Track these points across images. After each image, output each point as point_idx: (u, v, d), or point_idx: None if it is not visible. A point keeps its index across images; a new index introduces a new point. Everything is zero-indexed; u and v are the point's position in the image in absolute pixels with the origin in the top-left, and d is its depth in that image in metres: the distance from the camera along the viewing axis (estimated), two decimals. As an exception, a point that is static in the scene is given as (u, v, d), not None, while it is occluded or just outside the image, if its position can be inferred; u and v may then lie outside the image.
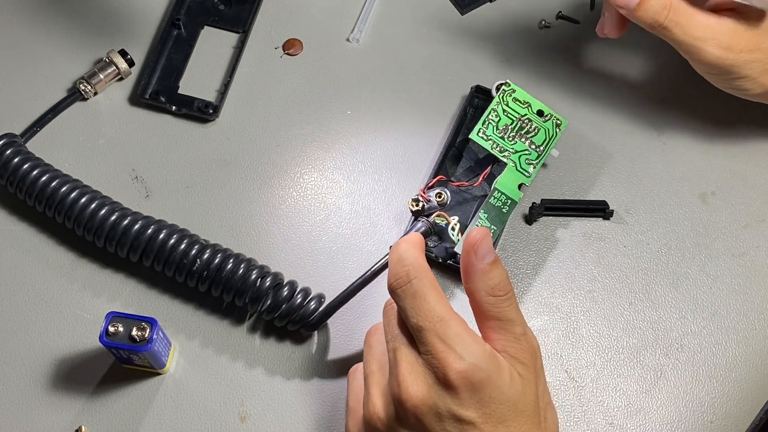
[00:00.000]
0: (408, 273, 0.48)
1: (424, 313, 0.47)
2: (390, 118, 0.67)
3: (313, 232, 0.63)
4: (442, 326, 0.47)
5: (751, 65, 0.58)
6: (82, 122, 0.67)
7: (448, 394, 0.46)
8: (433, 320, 0.47)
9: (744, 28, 0.57)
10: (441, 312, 0.47)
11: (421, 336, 0.47)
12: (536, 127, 0.62)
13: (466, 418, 0.46)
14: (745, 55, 0.58)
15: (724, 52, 0.58)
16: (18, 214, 0.63)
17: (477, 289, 0.49)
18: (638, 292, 0.62)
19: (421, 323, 0.47)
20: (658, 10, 0.57)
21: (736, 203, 0.64)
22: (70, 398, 0.58)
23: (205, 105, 0.66)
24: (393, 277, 0.49)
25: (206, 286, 0.59)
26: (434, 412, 0.46)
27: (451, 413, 0.46)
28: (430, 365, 0.46)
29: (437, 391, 0.46)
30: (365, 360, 0.51)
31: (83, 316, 0.60)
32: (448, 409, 0.46)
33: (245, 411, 0.58)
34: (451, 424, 0.46)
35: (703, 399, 0.59)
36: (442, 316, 0.47)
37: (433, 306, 0.47)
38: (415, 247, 0.50)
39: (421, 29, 0.71)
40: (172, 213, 0.63)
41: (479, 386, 0.46)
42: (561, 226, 0.63)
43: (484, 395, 0.46)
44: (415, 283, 0.48)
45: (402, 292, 0.48)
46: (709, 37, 0.57)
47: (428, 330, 0.47)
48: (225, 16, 0.70)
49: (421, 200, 0.61)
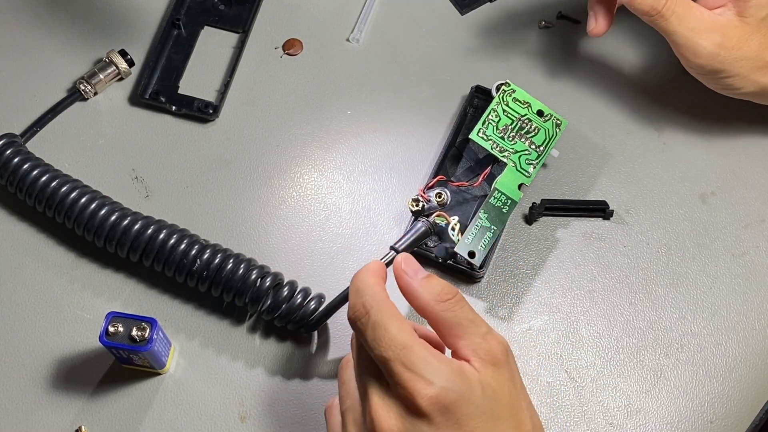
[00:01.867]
0: (365, 304, 0.47)
1: (386, 342, 0.46)
2: (390, 118, 0.67)
3: (313, 232, 0.63)
4: (405, 353, 0.45)
5: (741, 63, 0.59)
6: (82, 122, 0.67)
7: (422, 422, 0.45)
8: (396, 349, 0.45)
9: (736, 25, 0.58)
10: (402, 339, 0.46)
11: (386, 367, 0.45)
12: (536, 127, 0.62)
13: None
14: (736, 52, 0.58)
15: (716, 48, 0.58)
16: (18, 214, 0.63)
17: (426, 302, 0.48)
18: (638, 292, 0.62)
19: (384, 354, 0.45)
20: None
21: (736, 203, 0.64)
22: (70, 398, 0.58)
23: (205, 105, 0.66)
24: (351, 309, 0.48)
25: (206, 286, 0.59)
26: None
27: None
28: (400, 396, 0.45)
29: (411, 422, 0.45)
30: (340, 396, 0.50)
31: (83, 316, 0.60)
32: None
33: (245, 411, 0.58)
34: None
35: (703, 399, 0.59)
36: (404, 343, 0.45)
37: (394, 335, 0.46)
38: (372, 276, 0.48)
39: (421, 29, 0.71)
40: (172, 213, 0.63)
41: (453, 408, 0.45)
42: (561, 226, 0.63)
43: (460, 415, 0.45)
44: (372, 314, 0.46)
45: (362, 324, 0.47)
46: (703, 30, 0.58)
47: (392, 360, 0.45)
48: (225, 16, 0.70)
49: (421, 200, 0.61)
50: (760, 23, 0.58)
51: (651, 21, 0.59)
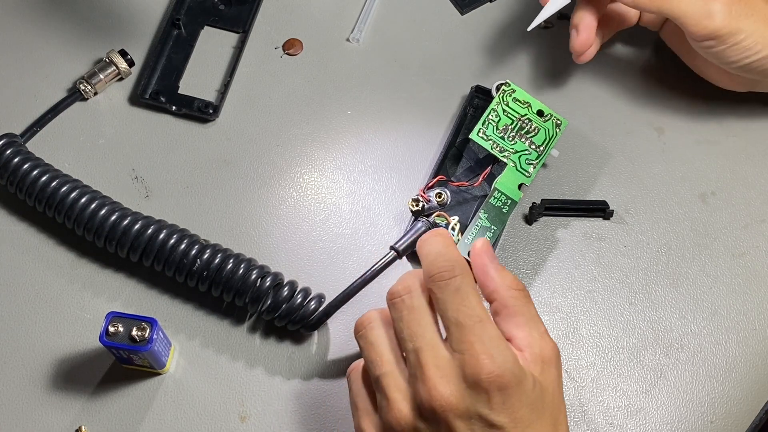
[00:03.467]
0: (453, 268, 0.48)
1: (465, 310, 0.47)
2: (390, 118, 0.67)
3: (313, 232, 0.63)
4: (481, 326, 0.47)
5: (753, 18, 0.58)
6: (82, 122, 0.67)
7: (479, 396, 0.46)
8: (474, 319, 0.47)
9: None
10: (481, 312, 0.47)
11: (458, 333, 0.47)
12: (536, 127, 0.62)
13: (497, 422, 0.46)
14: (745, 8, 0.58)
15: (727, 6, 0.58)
16: (18, 214, 0.63)
17: (498, 286, 0.49)
18: (638, 292, 0.62)
19: (461, 320, 0.47)
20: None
21: (736, 203, 0.64)
22: (70, 398, 0.58)
23: (205, 105, 0.66)
24: (436, 269, 0.48)
25: (206, 286, 0.59)
26: (464, 414, 0.46)
27: (482, 417, 0.46)
28: (463, 365, 0.46)
29: (469, 393, 0.46)
30: (371, 359, 0.49)
31: (83, 316, 0.60)
32: (479, 413, 0.46)
33: (245, 411, 0.58)
34: (479, 427, 0.46)
35: (703, 399, 0.59)
36: (481, 316, 0.47)
37: (474, 305, 0.47)
38: (453, 245, 0.50)
39: (421, 29, 0.71)
40: (172, 213, 0.63)
41: (510, 391, 0.46)
42: (561, 226, 0.63)
43: (514, 400, 0.46)
44: (459, 279, 0.48)
45: (445, 285, 0.48)
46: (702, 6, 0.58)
47: (468, 328, 0.46)
48: (225, 16, 0.70)
49: (421, 200, 0.61)
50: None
51: (657, 10, 0.58)
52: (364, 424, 0.49)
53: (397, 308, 0.49)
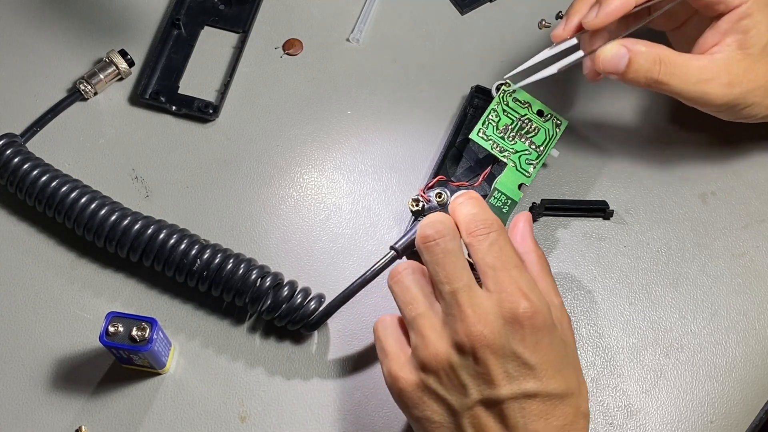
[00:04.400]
0: (492, 224, 0.51)
1: (502, 257, 0.50)
2: (390, 118, 0.67)
3: (313, 232, 0.63)
4: (518, 271, 0.50)
5: (755, 92, 0.57)
6: (82, 122, 0.67)
7: (514, 333, 0.48)
8: (510, 264, 0.50)
9: (738, 59, 0.56)
10: (518, 261, 0.50)
11: (495, 275, 0.49)
12: (536, 127, 0.62)
13: (529, 361, 0.48)
14: (747, 85, 0.57)
15: (727, 89, 0.56)
16: (18, 214, 0.63)
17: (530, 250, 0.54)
18: (638, 292, 0.62)
19: (498, 264, 0.50)
20: (649, 68, 0.56)
21: (736, 203, 0.64)
22: (70, 398, 0.58)
23: (205, 105, 0.66)
24: (474, 225, 0.51)
25: (206, 286, 0.59)
26: (500, 351, 0.48)
27: (516, 354, 0.48)
28: (500, 302, 0.48)
29: (505, 330, 0.48)
30: (407, 301, 0.51)
31: (83, 316, 0.60)
32: (513, 350, 0.48)
33: (245, 411, 0.58)
34: (512, 366, 0.48)
35: (703, 399, 0.59)
36: (518, 264, 0.50)
37: (511, 254, 0.50)
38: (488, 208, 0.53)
39: (421, 29, 0.71)
40: (172, 213, 0.63)
41: (543, 333, 0.48)
42: (561, 226, 0.63)
43: (546, 342, 0.48)
44: (495, 234, 0.51)
45: (484, 238, 0.51)
46: (708, 79, 0.56)
47: (505, 270, 0.49)
48: (225, 16, 0.70)
49: (421, 200, 0.61)
50: (763, 50, 0.56)
51: (653, 89, 0.57)
52: (393, 367, 0.51)
53: (432, 251, 0.51)
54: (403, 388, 0.50)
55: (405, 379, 0.50)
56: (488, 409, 0.48)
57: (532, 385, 0.48)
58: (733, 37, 0.56)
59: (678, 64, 0.56)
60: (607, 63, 0.56)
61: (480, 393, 0.48)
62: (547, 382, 0.48)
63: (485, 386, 0.48)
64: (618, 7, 0.55)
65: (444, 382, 0.49)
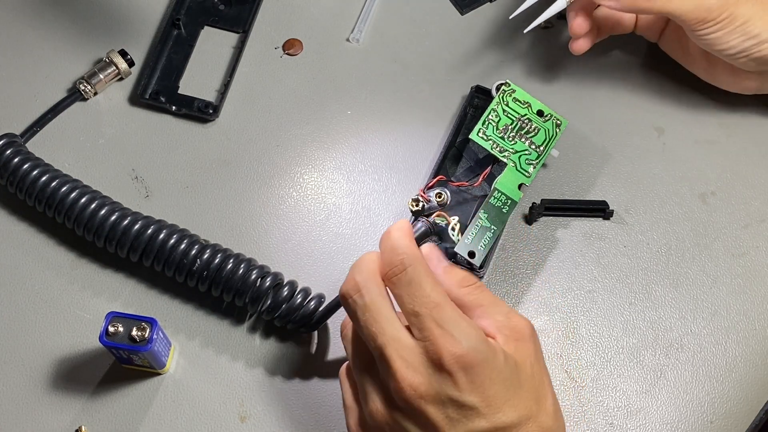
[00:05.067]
0: (403, 261, 0.48)
1: (420, 299, 0.47)
2: (390, 118, 0.67)
3: (313, 232, 0.63)
4: (438, 311, 0.47)
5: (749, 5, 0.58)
6: (82, 122, 0.67)
7: (446, 379, 0.46)
8: (429, 306, 0.47)
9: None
10: (436, 298, 0.47)
11: (417, 321, 0.47)
12: (536, 127, 0.62)
13: (468, 403, 0.46)
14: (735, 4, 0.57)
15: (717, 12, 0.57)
16: (18, 214, 0.63)
17: (448, 287, 0.50)
18: (638, 292, 0.62)
19: (417, 309, 0.47)
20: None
21: (736, 203, 0.64)
22: (70, 398, 0.58)
23: (205, 105, 0.66)
24: (388, 265, 0.49)
25: (206, 286, 0.59)
26: (436, 399, 0.46)
27: (452, 399, 0.46)
28: (426, 351, 0.46)
29: (436, 378, 0.46)
30: (352, 357, 0.51)
31: (83, 316, 0.60)
32: (449, 395, 0.46)
33: (245, 411, 0.58)
34: (453, 411, 0.46)
35: (703, 399, 0.59)
36: (437, 301, 0.47)
37: (428, 292, 0.47)
38: (407, 236, 0.50)
39: (421, 29, 0.71)
40: (172, 213, 0.63)
41: (477, 370, 0.46)
42: (561, 226, 0.63)
43: (483, 378, 0.46)
44: (410, 271, 0.48)
45: (397, 279, 0.48)
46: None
47: (425, 315, 0.47)
48: (225, 16, 0.70)
49: (421, 200, 0.61)
50: None
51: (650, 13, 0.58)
52: (350, 421, 0.51)
53: (350, 310, 0.50)
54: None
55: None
56: None
57: (479, 422, 0.46)
58: None
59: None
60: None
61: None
62: (494, 416, 0.47)
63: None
64: None
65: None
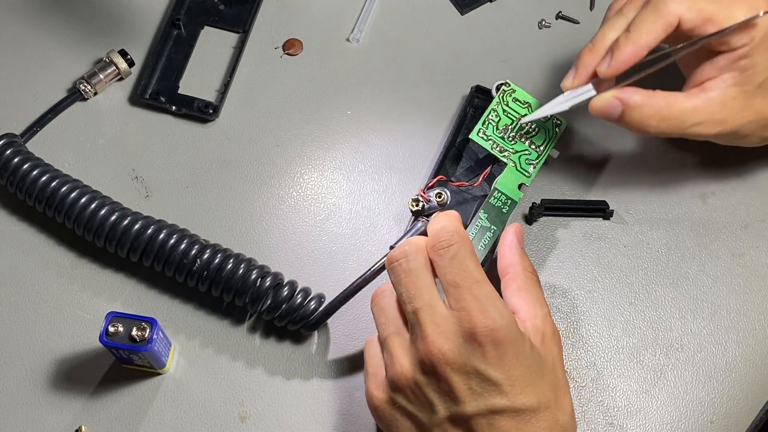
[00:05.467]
0: (452, 237, 0.52)
1: (461, 273, 0.50)
2: (390, 118, 0.67)
3: (313, 232, 0.63)
4: (477, 287, 0.50)
5: (749, 126, 0.57)
6: (82, 122, 0.67)
7: (475, 351, 0.48)
8: (470, 280, 0.50)
9: (734, 95, 0.56)
10: (478, 275, 0.50)
11: (455, 292, 0.50)
12: (536, 127, 0.62)
13: (493, 377, 0.48)
14: (740, 120, 0.57)
15: (720, 126, 0.56)
16: (18, 214, 0.63)
17: (516, 262, 0.54)
18: (638, 292, 0.62)
19: (457, 280, 0.50)
20: (642, 121, 0.56)
21: (736, 203, 0.64)
22: (70, 398, 0.58)
23: (205, 105, 0.66)
24: (435, 239, 0.52)
25: (206, 286, 0.59)
26: (462, 369, 0.48)
27: (478, 371, 0.48)
28: (460, 321, 0.48)
29: (465, 348, 0.48)
30: (380, 323, 0.53)
31: (83, 316, 0.60)
32: (475, 367, 0.48)
33: (245, 411, 0.58)
34: (475, 382, 0.48)
35: (703, 399, 0.59)
36: (478, 278, 0.50)
37: (471, 268, 0.50)
38: (457, 220, 0.54)
39: (421, 29, 0.71)
40: (172, 213, 0.63)
41: (506, 347, 0.48)
42: (561, 226, 0.63)
43: (510, 357, 0.48)
44: (456, 246, 0.51)
45: (444, 252, 0.51)
46: (702, 120, 0.56)
47: (464, 287, 0.49)
48: (225, 16, 0.70)
49: (421, 200, 0.61)
50: (759, 87, 0.56)
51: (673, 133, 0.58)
52: (370, 386, 0.52)
53: (395, 272, 0.52)
54: (376, 405, 0.51)
55: (377, 397, 0.51)
56: (457, 426, 0.49)
57: (499, 400, 0.48)
58: (730, 74, 0.56)
59: (673, 113, 0.56)
60: (599, 111, 0.56)
61: (447, 410, 0.49)
62: (515, 396, 0.48)
63: (451, 403, 0.49)
64: (630, 56, 0.55)
65: (412, 399, 0.50)
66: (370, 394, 0.52)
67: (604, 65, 0.56)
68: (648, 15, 0.55)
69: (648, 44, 0.55)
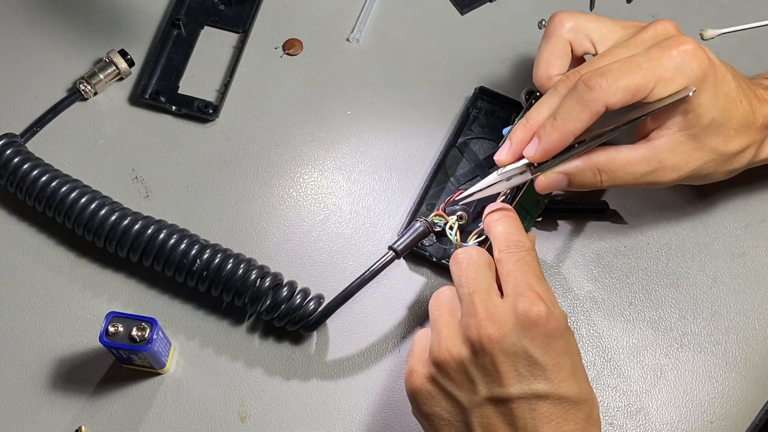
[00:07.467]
0: (524, 244, 0.53)
1: (524, 268, 0.51)
2: (390, 118, 0.67)
3: (313, 232, 0.63)
4: (537, 281, 0.51)
5: (707, 166, 0.56)
6: (82, 122, 0.67)
7: (525, 333, 0.48)
8: (530, 274, 0.51)
9: (681, 140, 0.55)
10: (539, 274, 0.52)
11: (513, 280, 0.51)
12: None
13: (540, 362, 0.48)
14: (695, 162, 0.55)
15: (675, 172, 0.55)
16: (18, 214, 0.63)
17: None
18: (638, 292, 0.62)
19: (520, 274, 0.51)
20: (591, 181, 0.55)
21: (736, 203, 0.64)
22: (70, 398, 0.58)
23: (205, 105, 0.66)
24: (505, 243, 0.53)
25: (206, 286, 0.59)
26: (510, 349, 0.48)
27: (526, 353, 0.48)
28: (515, 307, 0.49)
29: (516, 330, 0.49)
30: (432, 308, 0.53)
31: (83, 316, 0.60)
32: (524, 348, 0.48)
33: (245, 411, 0.58)
34: (522, 365, 0.48)
35: (703, 399, 0.59)
36: (539, 275, 0.52)
37: (535, 269, 0.52)
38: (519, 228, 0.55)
39: (421, 29, 0.71)
40: (172, 213, 0.63)
41: (556, 335, 0.49)
42: (561, 227, 0.63)
43: (559, 345, 0.49)
44: (525, 252, 0.52)
45: (514, 253, 0.52)
46: (654, 169, 0.55)
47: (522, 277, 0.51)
48: (225, 16, 0.70)
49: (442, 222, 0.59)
50: (707, 127, 0.54)
51: None
52: (413, 362, 0.52)
53: (458, 261, 0.53)
54: (415, 381, 0.51)
55: (418, 372, 0.51)
56: (497, 408, 0.49)
57: (543, 386, 0.48)
58: (673, 120, 0.54)
59: (619, 165, 0.54)
60: (546, 190, 0.55)
61: (489, 390, 0.48)
62: (560, 384, 0.48)
63: (494, 384, 0.48)
64: (556, 144, 0.53)
65: (454, 378, 0.49)
66: (411, 370, 0.52)
67: (531, 150, 0.54)
68: (574, 104, 0.52)
69: (574, 133, 0.53)
